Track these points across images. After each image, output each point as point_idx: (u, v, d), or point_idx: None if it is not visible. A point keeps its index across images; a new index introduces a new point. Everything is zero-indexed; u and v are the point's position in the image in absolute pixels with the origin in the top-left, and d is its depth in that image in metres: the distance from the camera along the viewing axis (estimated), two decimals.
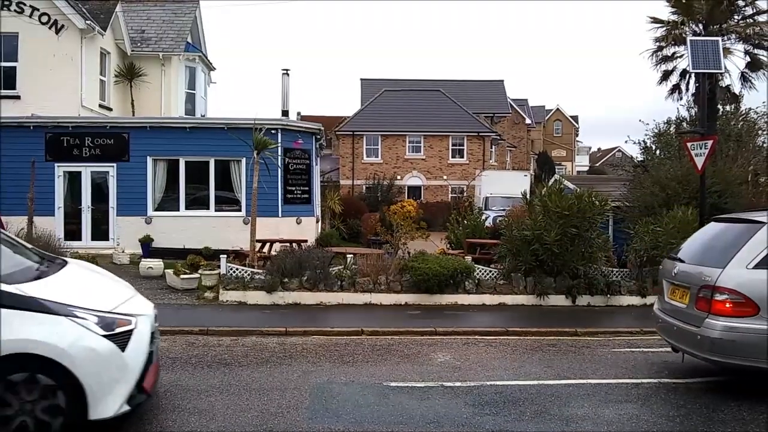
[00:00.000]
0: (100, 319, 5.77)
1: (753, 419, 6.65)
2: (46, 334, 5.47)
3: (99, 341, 5.67)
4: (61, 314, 5.60)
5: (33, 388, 5.44)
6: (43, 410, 5.45)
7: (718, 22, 22.89)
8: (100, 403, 5.57)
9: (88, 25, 21.33)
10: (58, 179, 18.64)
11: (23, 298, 5.52)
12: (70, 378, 5.47)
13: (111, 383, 5.66)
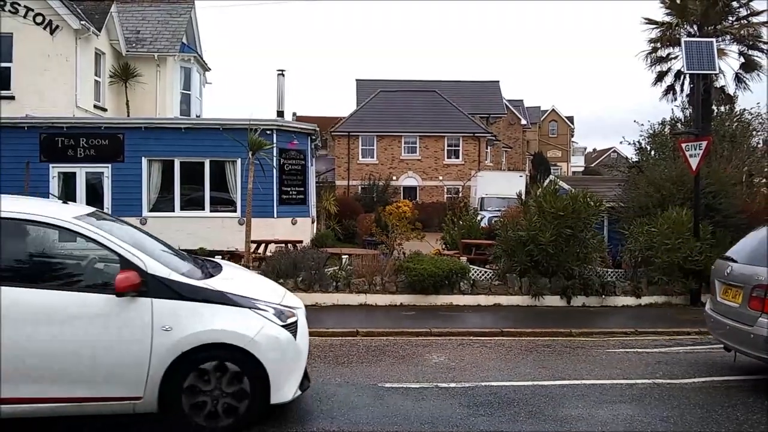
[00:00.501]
0: (276, 311, 6.26)
1: (747, 419, 6.67)
2: (235, 324, 5.94)
3: (279, 331, 6.15)
4: (245, 306, 6.09)
5: (222, 375, 5.86)
6: (231, 395, 5.87)
7: (713, 23, 22.96)
8: (281, 388, 6.04)
9: (83, 25, 21.28)
10: (53, 180, 18.58)
11: (213, 293, 6.01)
12: (255, 365, 5.91)
13: (289, 369, 6.17)
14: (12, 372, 5.50)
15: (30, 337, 5.53)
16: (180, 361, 5.76)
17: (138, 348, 5.69)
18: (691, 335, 11.70)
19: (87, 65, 22.37)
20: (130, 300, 5.70)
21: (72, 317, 5.64)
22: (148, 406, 5.78)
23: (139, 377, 5.70)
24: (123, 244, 5.93)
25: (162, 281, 5.82)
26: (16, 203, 6.20)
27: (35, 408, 5.62)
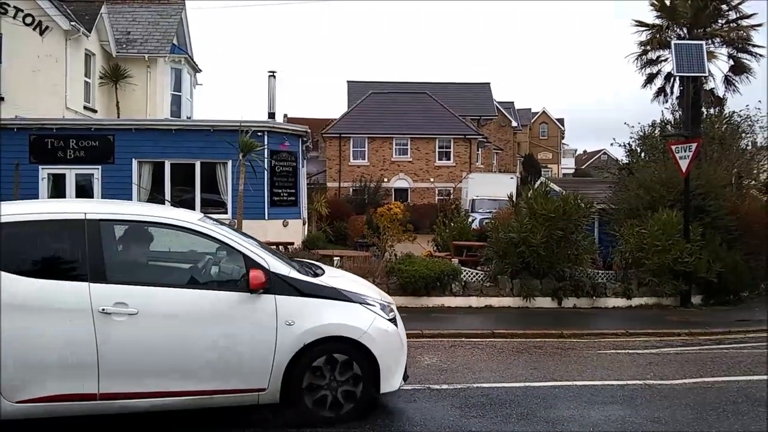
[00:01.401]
0: (381, 306, 6.68)
1: (737, 420, 6.70)
2: (350, 318, 6.36)
3: (387, 324, 6.57)
4: (357, 302, 6.50)
5: (338, 367, 6.24)
6: (346, 386, 6.25)
7: (702, 26, 23.11)
8: (390, 378, 6.42)
9: (73, 26, 21.18)
10: (42, 181, 18.46)
11: (328, 289, 6.44)
12: (367, 356, 6.29)
13: (396, 360, 6.55)
14: (152, 368, 5.82)
15: (169, 333, 5.88)
16: (301, 353, 6.11)
17: (264, 342, 6.05)
18: (681, 336, 11.76)
19: (77, 66, 22.26)
20: (257, 297, 6.06)
21: (205, 314, 6.00)
22: (271, 397, 6.14)
23: (264, 370, 6.05)
24: (245, 244, 6.33)
25: (283, 279, 6.21)
26: (150, 209, 6.90)
27: (173, 401, 5.95)
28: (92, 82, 23.67)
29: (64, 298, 5.69)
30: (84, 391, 5.67)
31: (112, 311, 5.71)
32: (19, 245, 5.88)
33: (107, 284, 5.78)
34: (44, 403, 5.61)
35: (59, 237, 6.03)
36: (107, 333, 5.70)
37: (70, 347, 5.65)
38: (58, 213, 6.20)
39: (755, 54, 23.33)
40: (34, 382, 5.58)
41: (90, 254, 5.84)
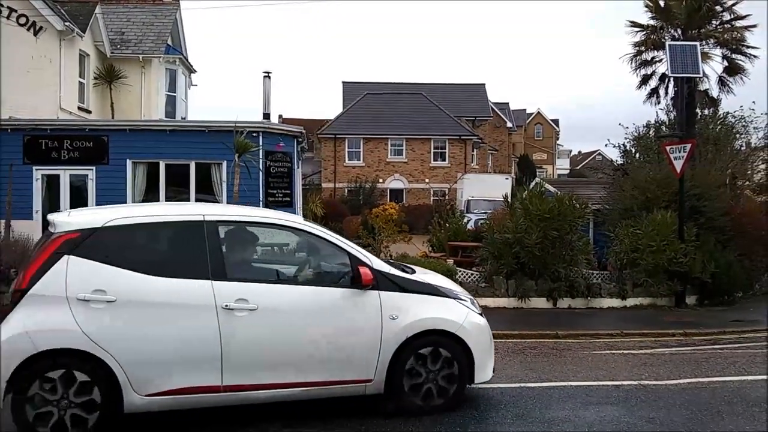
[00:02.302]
0: (470, 301, 7.08)
1: (732, 421, 6.71)
2: (447, 313, 6.72)
3: (479, 318, 6.98)
4: (451, 297, 6.89)
5: (437, 359, 6.57)
6: (444, 377, 6.60)
7: (697, 26, 23.14)
8: (483, 369, 6.80)
9: (67, 26, 21.10)
10: (36, 182, 18.39)
11: (426, 285, 6.85)
12: (464, 349, 6.65)
13: (487, 353, 6.92)
14: (271, 360, 6.16)
15: (285, 327, 6.21)
16: (403, 346, 6.46)
17: (371, 335, 6.40)
18: (676, 337, 11.78)
19: (71, 67, 22.18)
20: (363, 292, 6.41)
21: (317, 309, 6.34)
22: (376, 388, 6.48)
23: (371, 362, 6.40)
24: (348, 243, 6.80)
25: (385, 275, 6.57)
26: (257, 211, 7.38)
27: (290, 392, 6.27)
28: (87, 82, 23.59)
29: (189, 295, 6.01)
30: (209, 384, 5.98)
31: (234, 307, 6.03)
32: (145, 246, 6.34)
33: (228, 282, 6.10)
34: (172, 396, 5.91)
35: (182, 238, 6.34)
36: (230, 328, 6.01)
37: (195, 342, 5.97)
38: (180, 215, 6.61)
39: (749, 55, 23.38)
40: (162, 375, 5.86)
41: (210, 254, 6.16)
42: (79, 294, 5.75)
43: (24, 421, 5.58)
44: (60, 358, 5.66)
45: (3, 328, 5.71)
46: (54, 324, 5.69)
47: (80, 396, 5.66)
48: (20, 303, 5.76)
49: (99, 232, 5.99)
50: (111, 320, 5.79)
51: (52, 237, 5.99)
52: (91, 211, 7.13)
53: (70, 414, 5.62)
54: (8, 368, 5.55)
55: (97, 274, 5.85)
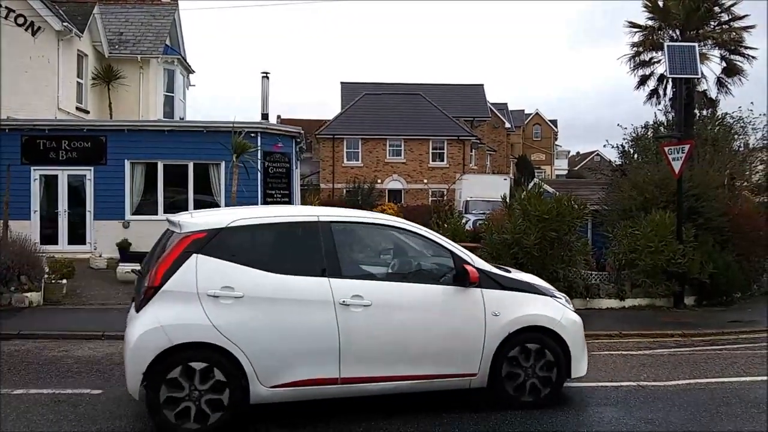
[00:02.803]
0: (564, 298, 7.38)
1: (730, 421, 6.71)
2: (545, 309, 7.00)
3: (574, 315, 7.24)
4: (548, 295, 7.19)
5: (537, 355, 6.84)
6: (543, 372, 6.85)
7: (695, 27, 23.13)
8: (578, 364, 7.05)
9: (65, 27, 21.09)
10: (34, 182, 18.40)
11: (523, 283, 7.19)
12: (561, 344, 6.91)
13: (582, 349, 7.18)
14: (384, 354, 6.44)
15: (397, 323, 6.49)
16: (504, 342, 6.72)
17: (475, 331, 6.67)
18: (674, 337, 11.78)
19: (69, 67, 22.17)
20: (468, 290, 6.70)
21: (426, 305, 6.63)
22: (480, 382, 6.76)
23: (475, 357, 6.67)
24: (451, 243, 7.07)
25: (487, 274, 6.87)
26: (363, 212, 7.72)
27: (401, 385, 6.54)
28: (85, 82, 23.58)
29: (309, 292, 6.31)
30: (327, 376, 6.28)
31: (351, 303, 6.33)
32: (266, 245, 6.65)
33: (343, 279, 6.41)
34: (293, 387, 6.21)
35: (299, 238, 6.68)
36: (347, 323, 6.30)
37: (316, 336, 6.26)
38: (296, 216, 6.99)
39: (748, 56, 23.36)
40: (285, 367, 6.17)
41: (325, 252, 6.48)
42: (209, 290, 6.07)
43: (159, 410, 5.90)
44: (193, 351, 5.98)
45: (136, 324, 6.07)
46: (187, 319, 6.01)
47: (211, 387, 5.96)
48: (153, 299, 6.06)
49: (223, 232, 6.33)
50: (239, 315, 6.10)
51: (179, 237, 6.27)
52: (213, 213, 7.63)
53: (202, 403, 5.93)
54: (145, 360, 5.87)
55: (223, 271, 6.17)
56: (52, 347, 9.94)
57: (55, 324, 11.37)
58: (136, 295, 6.58)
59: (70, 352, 9.63)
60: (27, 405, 6.96)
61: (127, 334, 6.19)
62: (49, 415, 6.65)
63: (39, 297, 13.02)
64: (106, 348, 9.94)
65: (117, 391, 7.54)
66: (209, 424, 5.93)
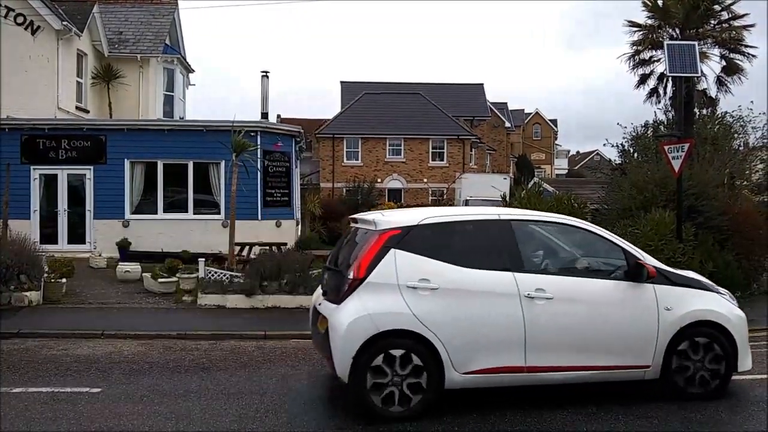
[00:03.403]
0: (728, 295, 7.64)
1: (730, 420, 6.72)
2: (714, 305, 7.30)
3: (738, 310, 7.48)
4: (714, 291, 7.49)
5: (707, 351, 7.12)
6: (712, 365, 7.12)
7: (695, 26, 23.12)
8: (744, 359, 7.29)
9: (65, 26, 21.09)
10: (34, 182, 18.40)
11: (692, 279, 7.47)
12: (728, 339, 7.16)
13: (747, 343, 7.40)
14: (565, 345, 6.78)
15: (577, 315, 6.83)
16: (677, 336, 7.04)
17: (649, 325, 6.99)
18: None
19: (69, 66, 22.17)
20: (641, 285, 7.04)
21: (603, 299, 6.99)
22: (653, 374, 7.07)
23: (649, 349, 7.00)
24: (624, 241, 7.46)
25: (659, 270, 7.15)
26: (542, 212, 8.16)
27: (581, 375, 6.89)
28: (84, 82, 23.58)
29: (497, 285, 6.75)
30: (514, 364, 6.70)
31: (535, 296, 6.74)
32: (454, 241, 7.06)
33: (526, 273, 6.84)
34: (483, 374, 6.64)
35: (483, 234, 7.15)
36: (531, 314, 6.71)
37: (504, 326, 6.68)
38: (479, 214, 7.51)
39: (747, 54, 23.34)
40: (476, 355, 6.60)
41: (508, 248, 6.98)
42: (408, 282, 6.60)
43: (364, 393, 6.41)
44: (395, 338, 6.49)
45: (342, 313, 6.57)
46: (390, 308, 6.53)
47: (412, 372, 6.46)
48: (357, 290, 6.58)
49: (415, 229, 6.87)
50: (435, 306, 6.57)
51: (377, 233, 6.82)
52: (403, 212, 8.23)
53: (404, 387, 6.43)
54: (354, 346, 6.39)
55: (418, 265, 6.68)
56: (52, 346, 9.94)
57: (54, 323, 11.38)
58: (330, 287, 7.18)
59: (69, 351, 9.63)
60: (26, 403, 6.96)
61: (334, 322, 6.59)
62: (48, 414, 6.65)
63: (38, 296, 13.02)
64: (106, 347, 9.96)
65: (116, 389, 7.56)
66: (411, 407, 6.42)
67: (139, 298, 13.79)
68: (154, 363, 8.99)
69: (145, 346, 10.12)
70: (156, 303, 13.50)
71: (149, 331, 10.91)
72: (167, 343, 10.35)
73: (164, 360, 9.19)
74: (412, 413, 6.42)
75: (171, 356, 9.44)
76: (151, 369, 8.66)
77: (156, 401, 7.13)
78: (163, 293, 14.11)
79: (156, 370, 8.63)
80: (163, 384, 7.90)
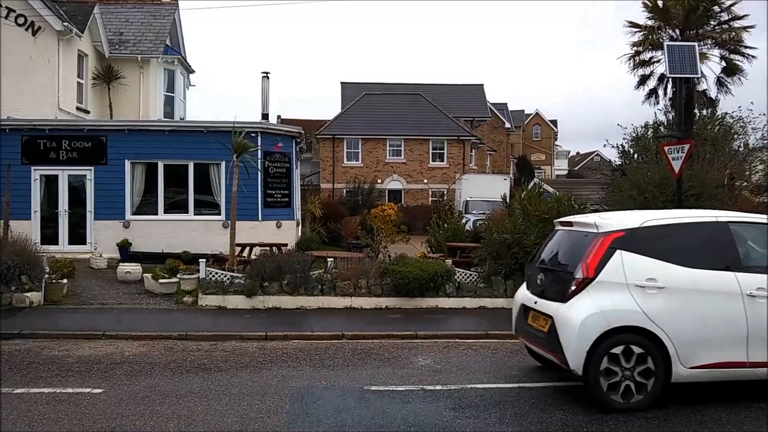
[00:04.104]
0: None
1: (729, 420, 6.73)
2: None
3: None
4: None
5: None
6: None
7: (695, 27, 23.14)
8: None
9: (66, 27, 21.09)
10: (35, 182, 18.40)
11: None
12: None
13: None
14: None
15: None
16: None
17: None
18: None
19: (69, 67, 22.17)
20: None
21: None
22: None
23: None
24: None
25: None
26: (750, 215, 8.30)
27: None
28: (85, 82, 23.59)
29: (720, 284, 7.13)
30: (737, 360, 7.04)
31: (756, 294, 7.11)
32: (674, 242, 7.38)
33: (745, 273, 7.19)
34: (707, 369, 7.01)
35: (702, 235, 7.48)
36: (753, 312, 7.06)
37: (727, 323, 7.04)
38: (697, 217, 7.76)
39: (747, 55, 23.36)
40: (700, 351, 6.97)
41: (728, 249, 7.34)
42: (636, 281, 7.04)
43: (597, 384, 6.88)
44: (625, 333, 6.93)
45: (573, 310, 7.05)
46: (621, 305, 6.99)
47: (641, 366, 6.92)
48: (587, 288, 7.08)
49: (638, 231, 7.33)
50: (663, 303, 6.99)
51: (600, 236, 7.30)
52: (623, 215, 8.51)
53: (634, 380, 6.89)
54: (589, 340, 6.88)
55: (644, 265, 7.11)
56: (53, 347, 9.96)
57: (55, 324, 11.40)
58: (550, 286, 7.68)
59: (70, 352, 9.65)
60: (28, 404, 6.98)
61: (564, 319, 7.10)
62: (49, 414, 6.67)
63: (39, 297, 13.03)
64: (107, 347, 9.97)
65: (117, 390, 7.57)
66: (639, 399, 6.85)
67: (140, 299, 13.80)
68: (155, 364, 9.01)
69: (147, 346, 10.14)
70: (157, 304, 13.51)
71: (150, 332, 10.92)
72: (168, 343, 10.36)
73: (165, 361, 9.21)
74: (639, 405, 6.85)
75: (172, 357, 9.46)
76: (152, 370, 8.67)
77: (157, 402, 7.15)
78: (164, 294, 14.12)
79: (157, 370, 8.64)
80: (164, 384, 7.91)
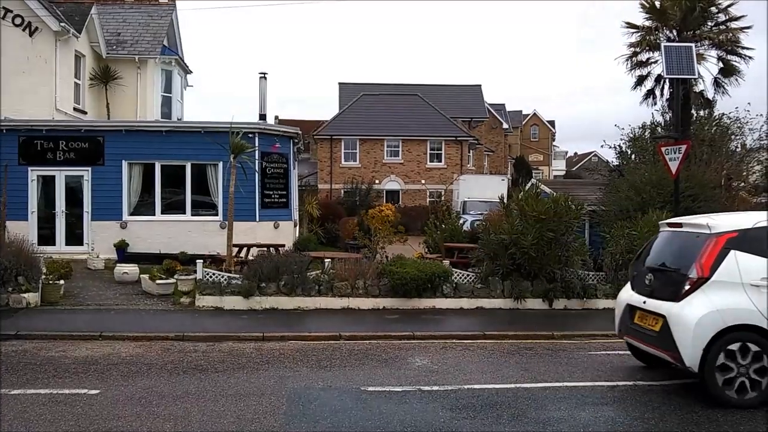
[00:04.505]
0: None
1: (726, 420, 6.74)
2: None
3: None
4: None
5: None
6: None
7: (692, 28, 23.19)
8: None
9: (63, 27, 21.07)
10: (32, 183, 18.38)
11: None
12: None
13: None
14: None
15: None
16: None
17: None
18: None
19: (67, 67, 22.15)
20: None
21: None
22: None
23: None
24: None
25: None
26: None
27: None
28: (82, 83, 23.55)
29: None
30: None
31: None
32: None
33: None
34: None
35: None
36: None
37: None
38: None
39: (744, 56, 23.41)
40: None
41: None
42: (751, 281, 7.22)
43: (713, 381, 7.05)
44: (741, 332, 7.10)
45: (687, 309, 7.24)
46: (737, 304, 7.17)
47: (757, 363, 7.09)
48: (701, 288, 7.26)
49: (750, 231, 7.49)
50: None
51: (713, 236, 7.47)
52: (733, 216, 8.68)
53: (749, 377, 7.06)
54: (704, 339, 7.06)
55: (758, 264, 7.28)
56: (50, 348, 9.95)
57: (52, 324, 11.38)
58: (662, 286, 7.81)
59: (67, 353, 9.64)
60: (25, 405, 6.97)
61: (677, 318, 7.29)
62: (46, 416, 6.66)
63: (36, 298, 13.02)
64: (104, 348, 9.97)
65: (114, 391, 7.57)
66: (755, 395, 7.02)
67: (137, 300, 13.79)
68: (152, 364, 9.00)
69: (144, 347, 10.13)
70: (154, 304, 13.50)
71: (147, 333, 10.91)
72: (165, 344, 10.36)
73: (162, 361, 9.20)
74: (753, 402, 7.02)
75: (169, 358, 9.45)
76: (149, 370, 8.67)
77: (154, 403, 7.15)
78: (161, 295, 14.11)
79: (154, 371, 8.64)
80: (161, 385, 7.91)
